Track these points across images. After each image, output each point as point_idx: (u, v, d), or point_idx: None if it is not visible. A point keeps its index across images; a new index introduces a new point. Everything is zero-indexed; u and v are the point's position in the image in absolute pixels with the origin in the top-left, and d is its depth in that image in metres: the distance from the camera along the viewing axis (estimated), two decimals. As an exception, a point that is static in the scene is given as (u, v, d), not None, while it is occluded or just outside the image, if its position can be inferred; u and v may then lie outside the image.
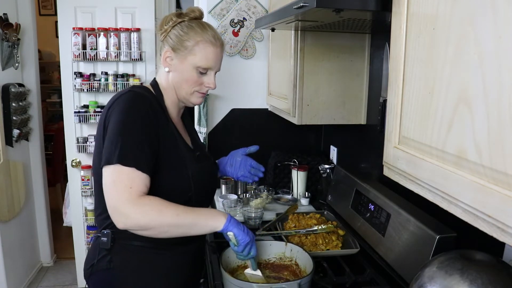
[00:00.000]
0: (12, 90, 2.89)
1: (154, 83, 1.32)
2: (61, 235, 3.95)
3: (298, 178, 2.20)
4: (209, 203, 1.46)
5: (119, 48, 2.98)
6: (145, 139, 1.14)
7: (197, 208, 1.18)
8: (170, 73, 1.29)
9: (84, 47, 2.97)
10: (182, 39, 1.25)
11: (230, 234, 1.17)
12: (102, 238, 1.23)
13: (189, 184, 1.24)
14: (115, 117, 1.15)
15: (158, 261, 1.25)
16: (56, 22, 3.21)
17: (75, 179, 3.15)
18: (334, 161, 2.27)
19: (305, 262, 1.34)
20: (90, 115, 3.00)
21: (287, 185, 2.30)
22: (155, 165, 1.17)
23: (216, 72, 1.31)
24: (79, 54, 2.96)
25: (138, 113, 1.16)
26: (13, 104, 2.92)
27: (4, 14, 2.89)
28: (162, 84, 1.31)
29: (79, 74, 2.99)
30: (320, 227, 1.60)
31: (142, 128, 1.15)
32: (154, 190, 1.15)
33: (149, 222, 1.09)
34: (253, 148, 1.56)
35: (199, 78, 1.28)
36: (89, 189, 3.11)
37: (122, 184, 1.09)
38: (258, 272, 1.30)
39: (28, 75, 3.23)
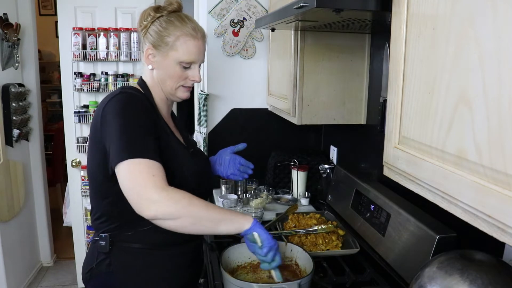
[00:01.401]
0: (12, 90, 2.89)
1: (141, 82, 1.31)
2: (61, 235, 3.95)
3: (298, 178, 2.20)
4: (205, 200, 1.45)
5: (119, 48, 2.98)
6: (148, 132, 1.13)
7: (223, 208, 1.17)
8: (154, 71, 1.28)
9: (84, 47, 2.97)
10: (162, 34, 1.23)
11: (255, 235, 1.14)
12: (100, 242, 1.22)
13: (184, 180, 1.23)
14: (113, 119, 1.12)
15: (157, 262, 1.25)
16: (56, 22, 3.21)
17: (75, 179, 3.15)
18: (334, 161, 2.27)
19: (305, 262, 1.34)
20: (90, 115, 3.00)
21: (287, 185, 2.30)
22: None
23: (200, 64, 1.29)
24: (79, 54, 2.96)
25: (134, 110, 1.14)
26: (13, 104, 2.92)
27: (4, 14, 2.89)
28: (149, 82, 1.30)
29: (79, 74, 2.99)
30: (320, 227, 1.60)
31: (142, 123, 1.13)
32: None
33: (180, 210, 1.05)
34: (241, 146, 1.55)
35: (183, 72, 1.25)
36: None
37: (143, 175, 1.05)
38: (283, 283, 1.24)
39: (28, 75, 3.23)
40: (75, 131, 3.09)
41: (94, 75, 3.01)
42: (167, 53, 1.23)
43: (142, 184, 1.04)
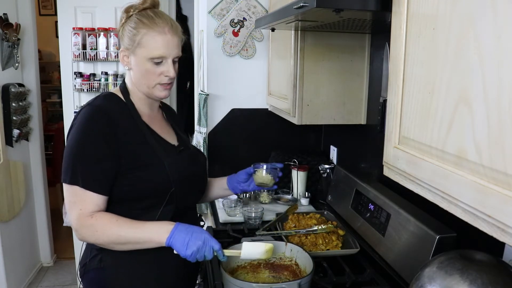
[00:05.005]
0: (12, 90, 2.89)
1: (123, 85, 1.34)
2: (61, 235, 3.95)
3: (298, 178, 2.20)
4: (198, 197, 1.44)
5: (119, 48, 2.98)
6: (98, 157, 1.18)
7: (146, 224, 1.17)
8: (131, 72, 1.30)
9: (84, 47, 2.97)
10: (131, 34, 1.24)
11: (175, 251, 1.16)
12: None
13: (167, 179, 1.24)
14: (72, 135, 1.21)
15: (148, 261, 1.25)
16: (56, 22, 3.21)
17: (75, 179, 3.14)
18: (334, 161, 2.27)
19: (305, 262, 1.34)
20: (90, 115, 3.00)
21: (287, 185, 2.30)
22: (128, 169, 1.21)
23: (174, 59, 1.27)
24: (79, 54, 2.96)
25: (92, 131, 1.19)
26: (13, 104, 2.92)
27: (4, 14, 2.89)
28: (128, 84, 1.33)
29: (79, 74, 2.99)
30: (320, 227, 1.60)
31: (96, 147, 1.18)
32: (131, 191, 1.21)
33: (96, 241, 1.18)
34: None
35: (156, 69, 1.24)
36: (89, 189, 3.11)
37: (73, 204, 1.18)
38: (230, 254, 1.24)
39: (28, 75, 3.23)
40: (75, 131, 3.08)
41: (94, 75, 3.01)
42: (137, 51, 1.24)
43: (70, 214, 1.19)
